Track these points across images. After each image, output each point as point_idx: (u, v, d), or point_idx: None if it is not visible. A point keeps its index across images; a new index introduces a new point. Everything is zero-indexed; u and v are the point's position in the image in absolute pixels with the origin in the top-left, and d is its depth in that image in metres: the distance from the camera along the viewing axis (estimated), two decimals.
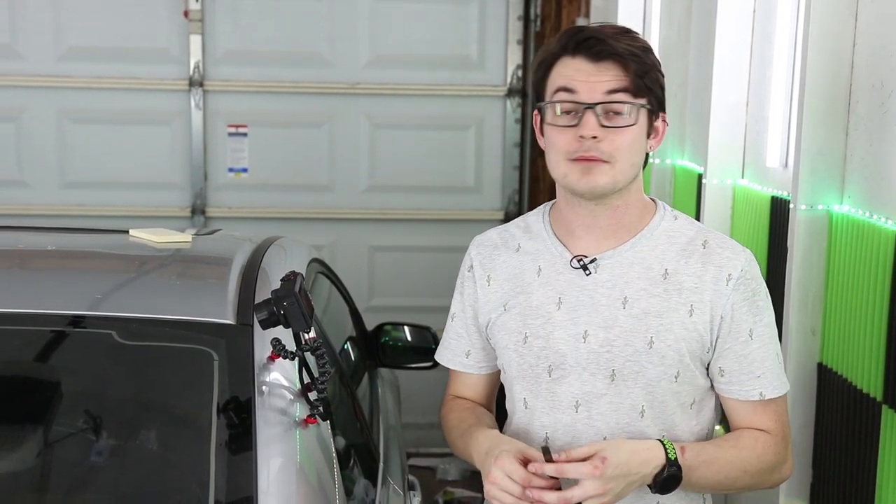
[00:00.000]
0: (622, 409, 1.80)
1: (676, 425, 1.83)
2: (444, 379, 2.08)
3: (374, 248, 5.23)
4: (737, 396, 1.82)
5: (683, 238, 1.83)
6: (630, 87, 1.72)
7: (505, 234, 1.94)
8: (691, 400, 1.83)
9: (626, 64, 1.72)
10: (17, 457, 1.82)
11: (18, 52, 4.92)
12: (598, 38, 1.73)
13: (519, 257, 1.89)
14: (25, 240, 2.69)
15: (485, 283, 1.92)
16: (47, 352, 2.00)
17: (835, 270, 2.45)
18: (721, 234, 1.87)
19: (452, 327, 2.01)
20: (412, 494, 2.66)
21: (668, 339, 1.78)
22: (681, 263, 1.80)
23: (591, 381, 1.80)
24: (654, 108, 1.77)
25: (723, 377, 1.82)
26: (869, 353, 2.27)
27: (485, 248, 1.95)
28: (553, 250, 1.86)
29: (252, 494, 1.69)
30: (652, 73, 1.75)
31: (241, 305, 2.02)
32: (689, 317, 1.78)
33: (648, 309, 1.78)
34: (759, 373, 1.81)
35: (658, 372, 1.79)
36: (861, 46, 2.37)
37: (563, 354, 1.81)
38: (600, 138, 1.72)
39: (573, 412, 1.82)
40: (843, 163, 2.44)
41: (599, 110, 1.72)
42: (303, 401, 1.87)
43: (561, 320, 1.82)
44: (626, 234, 1.83)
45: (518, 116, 5.23)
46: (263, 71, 5.03)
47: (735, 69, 3.09)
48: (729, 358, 1.80)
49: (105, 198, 5.04)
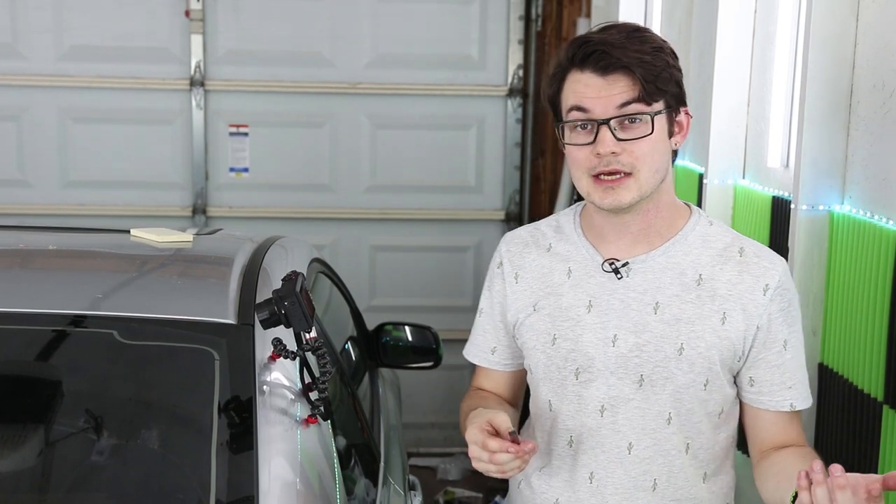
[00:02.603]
0: (649, 415, 1.79)
1: (702, 433, 1.81)
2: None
3: (374, 248, 5.23)
4: (766, 406, 1.80)
5: (719, 244, 1.81)
6: (641, 95, 1.69)
7: (536, 232, 1.93)
8: (719, 409, 1.82)
9: (633, 73, 1.69)
10: (18, 456, 1.82)
11: (20, 51, 4.92)
12: (604, 49, 1.70)
13: (549, 258, 1.88)
14: (27, 239, 2.69)
15: (513, 280, 1.91)
16: (49, 351, 2.00)
17: (836, 271, 2.45)
18: (757, 243, 1.85)
19: (480, 323, 1.99)
20: (413, 494, 2.66)
21: (700, 346, 1.76)
22: (716, 269, 1.78)
23: (618, 386, 1.79)
24: (672, 106, 1.75)
25: (752, 387, 1.80)
26: (870, 353, 2.26)
27: (515, 245, 1.93)
28: (584, 253, 1.85)
29: (253, 494, 1.69)
30: (664, 73, 1.72)
31: (242, 305, 2.03)
32: (721, 324, 1.76)
33: (680, 315, 1.77)
34: (791, 383, 1.79)
35: (687, 379, 1.77)
36: (862, 47, 2.36)
37: (592, 358, 1.80)
38: (618, 152, 1.70)
39: (598, 416, 1.81)
40: (844, 163, 2.44)
41: (614, 124, 1.70)
42: (304, 400, 1.87)
43: (590, 323, 1.81)
44: (657, 239, 1.81)
45: (519, 116, 5.23)
46: (265, 70, 5.03)
47: (736, 69, 3.09)
48: (762, 368, 1.78)
49: (106, 197, 5.04)
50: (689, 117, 1.80)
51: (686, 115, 1.80)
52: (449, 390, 5.25)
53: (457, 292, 5.20)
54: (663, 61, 1.73)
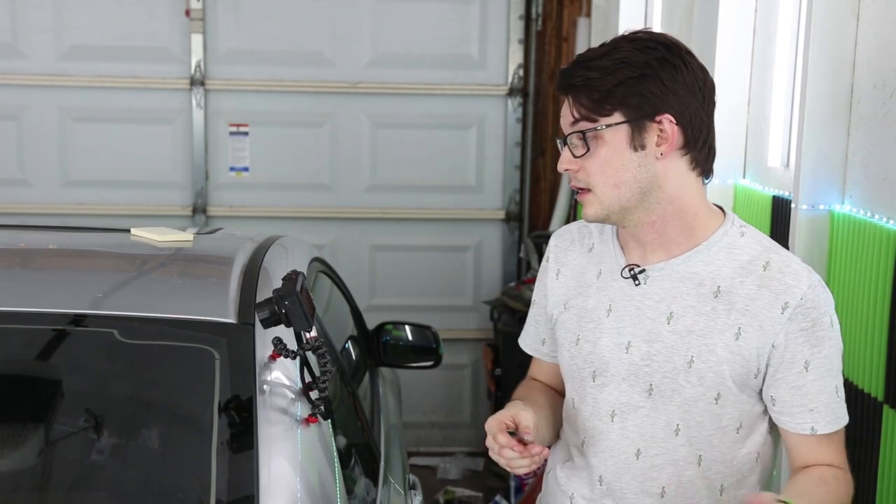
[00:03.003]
0: (657, 424, 1.78)
1: (714, 447, 1.78)
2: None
3: (375, 248, 5.23)
4: (788, 428, 1.76)
5: (745, 256, 1.76)
6: (588, 112, 1.70)
7: (584, 230, 1.93)
8: (737, 424, 1.78)
9: (575, 93, 1.72)
10: (19, 455, 1.82)
11: (20, 50, 4.92)
12: (563, 71, 1.74)
13: (588, 258, 1.89)
14: (27, 239, 2.69)
15: (554, 276, 1.93)
16: (49, 350, 2.00)
17: (836, 270, 2.45)
18: (789, 256, 1.76)
19: (532, 314, 2.02)
20: (413, 493, 2.66)
21: (710, 360, 1.73)
22: (735, 282, 1.74)
23: (628, 393, 1.79)
24: (632, 118, 1.69)
25: (775, 406, 1.76)
26: (870, 353, 2.26)
27: (562, 240, 1.95)
28: (614, 256, 1.85)
29: (253, 493, 1.69)
30: (619, 88, 1.68)
31: (242, 304, 2.03)
32: (734, 340, 1.73)
33: (693, 327, 1.74)
34: (813, 406, 1.73)
35: (696, 392, 1.75)
36: (863, 46, 2.37)
37: (607, 362, 1.81)
38: (574, 169, 1.74)
39: (609, 421, 1.81)
40: (844, 163, 2.44)
41: (572, 140, 1.73)
42: (304, 400, 1.87)
43: (608, 328, 1.81)
44: (676, 248, 1.78)
45: (519, 116, 5.23)
46: (265, 70, 5.03)
47: (736, 69, 3.09)
48: (781, 388, 1.74)
49: (106, 196, 5.05)
50: (672, 124, 1.71)
51: (668, 122, 1.71)
52: (449, 390, 5.25)
53: (457, 292, 5.20)
54: (623, 75, 1.69)
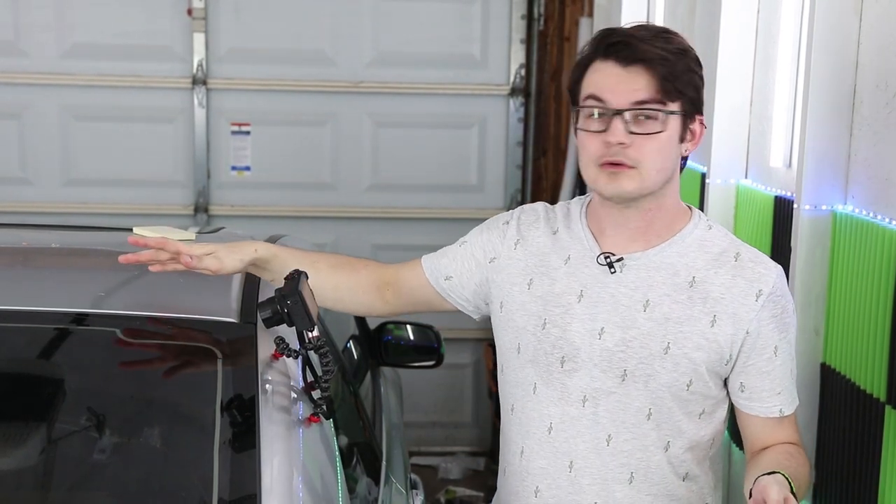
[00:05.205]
0: (629, 409, 1.80)
1: (683, 433, 1.82)
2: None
3: (376, 247, 5.23)
4: (756, 413, 1.82)
5: (716, 248, 1.82)
6: (659, 92, 1.71)
7: (550, 212, 1.94)
8: (700, 410, 1.83)
9: (654, 69, 1.70)
10: (20, 454, 1.82)
11: (22, 48, 4.92)
12: (628, 42, 1.71)
13: (553, 240, 1.89)
14: (28, 237, 2.70)
15: (511, 245, 1.92)
16: (51, 349, 2.00)
17: (838, 271, 2.44)
18: (754, 248, 1.86)
19: (456, 249, 2.00)
20: (414, 493, 2.66)
21: (686, 346, 1.77)
22: (710, 273, 1.79)
23: (601, 378, 1.80)
24: (687, 111, 1.76)
25: (743, 392, 1.82)
26: (872, 353, 2.26)
27: (528, 215, 1.95)
28: (584, 243, 1.86)
29: (255, 492, 1.69)
30: (684, 76, 1.73)
31: (244, 304, 2.03)
32: (710, 327, 1.77)
33: (669, 315, 1.78)
34: (780, 389, 1.81)
35: (670, 378, 1.78)
36: (866, 46, 2.36)
37: (577, 348, 1.82)
38: (627, 144, 1.72)
39: (580, 406, 1.82)
40: (847, 163, 2.43)
41: (628, 116, 1.71)
42: (306, 399, 1.87)
43: (579, 313, 1.82)
44: (656, 238, 1.82)
45: (521, 115, 5.22)
46: (267, 69, 5.03)
47: (739, 69, 3.09)
48: (752, 374, 1.80)
49: (108, 195, 5.04)
50: (703, 127, 1.81)
51: (700, 125, 1.80)
52: (450, 389, 5.25)
53: None
54: (686, 65, 1.74)
